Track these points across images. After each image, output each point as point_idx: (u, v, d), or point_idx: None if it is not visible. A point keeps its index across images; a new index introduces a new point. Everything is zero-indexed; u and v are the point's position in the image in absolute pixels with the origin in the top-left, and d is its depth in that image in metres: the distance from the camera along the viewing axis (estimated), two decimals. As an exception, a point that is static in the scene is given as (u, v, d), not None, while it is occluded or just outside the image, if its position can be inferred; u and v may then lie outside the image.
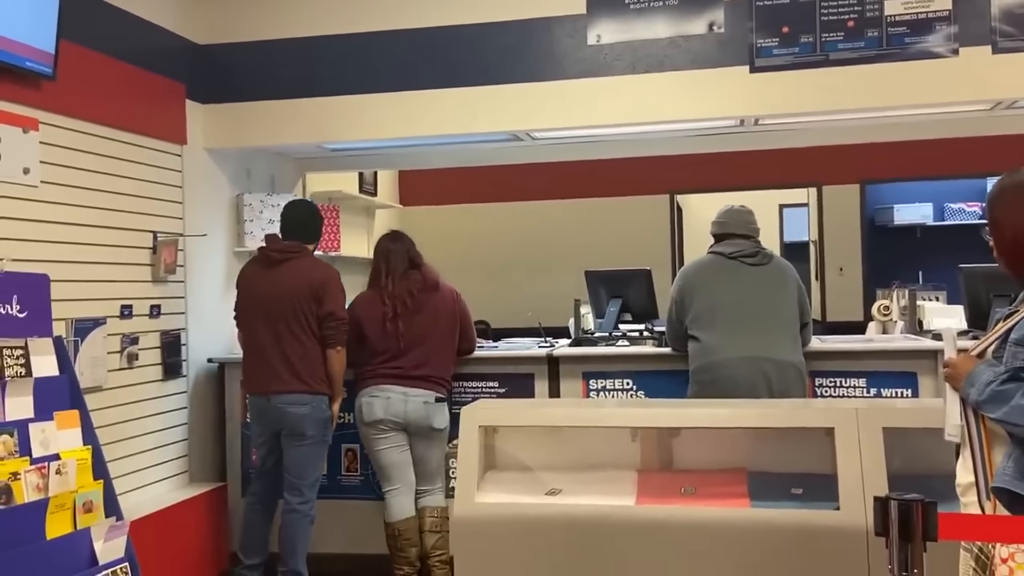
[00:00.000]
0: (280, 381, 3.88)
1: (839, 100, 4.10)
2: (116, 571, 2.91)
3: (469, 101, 4.38)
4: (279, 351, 3.89)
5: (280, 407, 3.89)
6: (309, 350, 3.90)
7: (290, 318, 3.88)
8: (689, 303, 3.85)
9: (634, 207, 7.16)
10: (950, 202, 7.32)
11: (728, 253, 3.88)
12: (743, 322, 3.72)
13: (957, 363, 2.02)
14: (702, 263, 3.98)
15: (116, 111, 3.91)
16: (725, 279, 3.84)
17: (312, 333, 3.90)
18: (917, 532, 1.64)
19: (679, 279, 4.00)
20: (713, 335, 3.74)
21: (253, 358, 3.99)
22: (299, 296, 3.88)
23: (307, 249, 4.05)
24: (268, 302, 3.92)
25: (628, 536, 2.76)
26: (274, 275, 3.94)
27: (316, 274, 3.94)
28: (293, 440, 3.92)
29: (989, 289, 3.85)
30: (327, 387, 3.95)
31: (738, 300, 3.77)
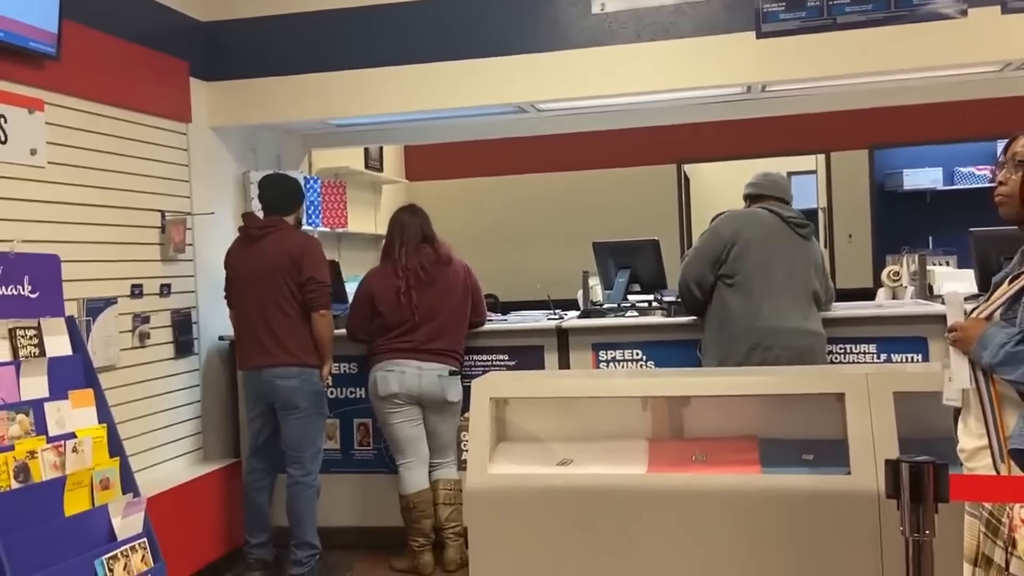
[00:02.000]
0: (268, 355, 3.93)
1: (847, 64, 4.06)
2: (135, 546, 2.96)
3: (474, 73, 4.36)
4: (266, 325, 3.93)
5: (270, 380, 3.94)
6: (295, 322, 3.94)
7: (274, 291, 3.92)
8: (739, 254, 3.68)
9: (641, 177, 7.12)
10: (960, 166, 7.26)
11: (785, 216, 3.77)
12: (796, 291, 3.69)
13: (966, 327, 1.99)
14: (759, 217, 3.78)
15: (120, 90, 3.91)
16: (781, 243, 3.72)
17: (297, 304, 3.94)
18: (929, 494, 1.64)
19: (731, 222, 3.79)
20: (769, 300, 3.64)
21: (243, 334, 4.04)
22: (280, 268, 3.92)
23: (285, 222, 4.07)
24: (251, 278, 3.97)
25: (640, 504, 2.78)
26: (255, 251, 3.99)
27: (294, 243, 3.97)
28: (287, 413, 3.97)
29: (1000, 252, 3.82)
30: (316, 358, 3.99)
31: (789, 268, 3.70)
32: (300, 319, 3.96)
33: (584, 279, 4.76)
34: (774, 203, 3.85)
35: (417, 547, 4.07)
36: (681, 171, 7.34)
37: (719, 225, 3.84)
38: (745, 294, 3.69)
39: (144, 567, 2.96)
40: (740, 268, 3.70)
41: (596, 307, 4.57)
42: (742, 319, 3.68)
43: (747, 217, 3.83)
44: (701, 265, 3.76)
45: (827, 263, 4.01)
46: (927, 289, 4.59)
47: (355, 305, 4.19)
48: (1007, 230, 3.55)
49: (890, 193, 7.30)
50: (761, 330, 3.63)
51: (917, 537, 1.66)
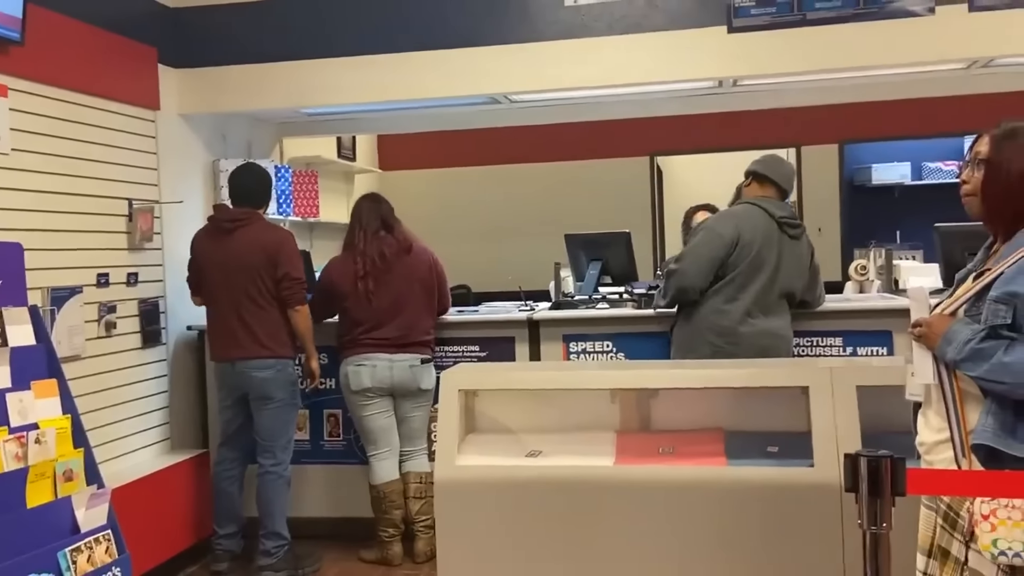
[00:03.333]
0: (242, 347, 3.93)
1: (817, 60, 4.10)
2: (99, 538, 2.93)
3: (447, 64, 4.34)
4: (239, 318, 3.93)
5: (244, 372, 3.94)
6: (269, 314, 3.94)
7: (247, 285, 3.92)
8: (737, 258, 3.65)
9: (614, 169, 7.14)
10: (927, 161, 7.35)
11: (778, 216, 3.74)
12: (770, 293, 3.70)
13: (931, 322, 2.01)
14: (754, 217, 3.72)
15: (87, 76, 3.85)
16: (770, 245, 3.70)
17: (271, 297, 3.94)
18: (886, 487, 1.67)
19: (729, 222, 3.73)
20: (740, 301, 3.65)
21: (215, 326, 4.04)
22: (254, 262, 3.91)
23: (257, 214, 4.05)
24: (224, 271, 3.95)
25: (607, 496, 2.79)
26: (227, 244, 3.96)
27: (269, 238, 3.96)
28: (260, 404, 3.97)
29: (964, 248, 3.87)
30: (290, 350, 4.00)
31: (773, 270, 3.70)
32: (274, 312, 3.95)
33: (556, 271, 4.77)
34: (772, 192, 3.80)
35: (387, 537, 4.08)
36: (654, 164, 7.37)
37: (717, 226, 3.76)
38: (720, 295, 3.69)
39: (108, 559, 2.94)
40: (731, 269, 3.68)
41: (567, 299, 4.59)
42: (710, 318, 3.69)
43: (744, 217, 3.75)
44: (706, 268, 3.66)
45: (815, 261, 3.95)
46: (893, 283, 4.66)
47: (316, 293, 4.17)
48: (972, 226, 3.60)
49: (859, 187, 7.38)
50: (727, 331, 3.66)
51: (874, 530, 1.68)
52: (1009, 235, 2.00)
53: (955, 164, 7.28)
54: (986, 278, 1.95)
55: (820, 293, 4.01)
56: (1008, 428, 1.87)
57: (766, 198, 3.79)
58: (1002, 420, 1.87)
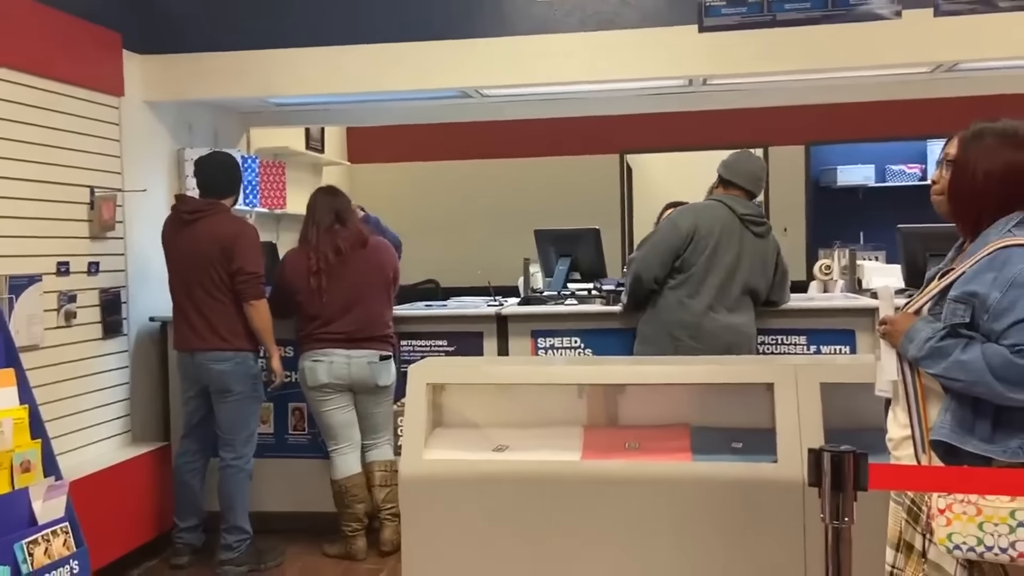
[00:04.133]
0: (201, 339, 3.90)
1: (786, 61, 4.14)
2: (56, 531, 2.87)
3: (418, 56, 4.32)
4: (197, 310, 3.91)
5: (203, 364, 3.92)
6: (227, 307, 3.90)
7: (204, 277, 3.88)
8: (693, 249, 3.70)
9: (584, 166, 7.16)
10: (891, 164, 7.46)
11: (740, 213, 3.78)
12: (732, 289, 3.73)
13: (896, 320, 2.05)
14: (714, 211, 3.79)
15: (49, 61, 3.77)
16: (730, 239, 3.74)
17: (227, 290, 3.90)
18: (848, 482, 1.69)
19: (688, 216, 3.80)
20: (703, 296, 3.69)
21: (177, 316, 4.02)
22: (210, 255, 3.87)
23: (220, 205, 4.00)
24: (183, 262, 3.93)
25: (574, 491, 2.80)
26: (187, 235, 3.93)
27: (226, 231, 3.91)
28: (220, 396, 3.95)
29: (926, 249, 3.95)
30: (250, 343, 3.96)
31: (733, 265, 3.73)
32: (232, 304, 3.91)
33: (525, 266, 4.77)
34: (737, 193, 3.85)
35: (350, 532, 4.05)
36: (624, 161, 7.40)
37: (677, 219, 3.83)
38: (682, 288, 3.74)
39: (66, 552, 2.88)
40: (690, 263, 3.73)
41: (536, 294, 4.59)
42: (673, 312, 3.74)
43: (703, 211, 3.82)
44: (660, 258, 3.74)
45: (782, 261, 3.97)
46: (857, 283, 4.72)
47: (273, 288, 4.13)
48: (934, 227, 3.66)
49: (825, 188, 7.47)
50: (689, 325, 3.70)
51: (836, 524, 1.70)
52: (976, 235, 2.04)
53: (918, 167, 7.39)
54: (949, 277, 1.99)
55: (787, 293, 4.05)
56: (966, 425, 1.90)
57: (732, 196, 3.83)
58: (960, 417, 1.91)
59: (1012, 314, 1.85)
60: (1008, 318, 1.86)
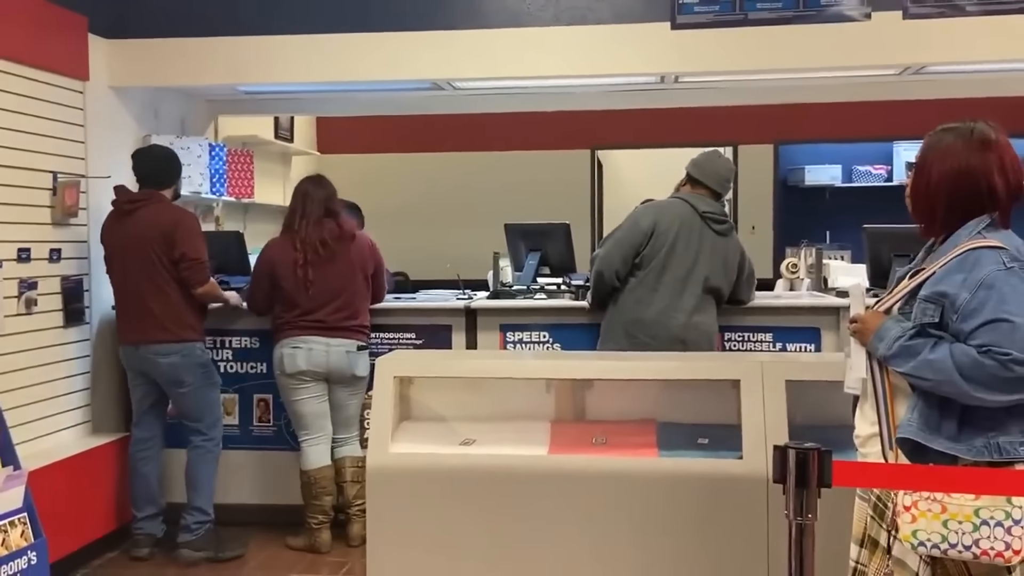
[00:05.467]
0: (145, 332, 3.88)
1: (756, 60, 4.16)
2: (14, 521, 2.82)
3: (390, 46, 4.28)
4: (141, 302, 3.88)
5: (150, 357, 3.90)
6: (171, 297, 3.88)
7: (147, 267, 3.86)
8: (652, 248, 3.72)
9: (555, 161, 7.16)
10: (858, 164, 7.55)
11: (701, 211, 3.79)
12: (691, 287, 3.73)
13: (866, 319, 2.07)
14: (676, 209, 3.80)
15: (12, 43, 3.68)
16: (690, 237, 3.74)
17: (172, 279, 3.88)
18: (813, 479, 1.70)
19: (649, 214, 3.81)
20: (660, 293, 3.70)
21: (121, 309, 3.99)
22: (152, 244, 3.84)
23: (159, 195, 3.97)
24: (124, 253, 3.90)
25: (540, 485, 2.81)
26: (127, 225, 3.90)
27: (166, 219, 3.88)
28: (174, 388, 3.95)
29: (891, 249, 4.00)
30: (195, 332, 3.96)
31: (692, 263, 3.74)
32: (177, 294, 3.89)
33: (495, 260, 4.76)
34: (703, 193, 3.86)
35: (315, 524, 4.02)
36: (595, 157, 7.42)
37: (638, 216, 3.85)
38: (640, 285, 3.75)
39: (24, 543, 2.83)
40: (649, 260, 3.75)
41: (505, 288, 4.58)
42: (631, 310, 3.75)
43: (664, 209, 3.84)
44: (621, 255, 3.76)
45: (748, 261, 3.97)
46: (823, 282, 4.77)
47: (255, 277, 4.10)
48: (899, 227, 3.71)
49: (792, 188, 7.55)
50: (646, 323, 3.71)
51: (800, 521, 1.72)
52: (933, 235, 2.07)
53: (884, 168, 7.49)
54: (919, 277, 2.01)
55: (753, 292, 4.08)
56: (932, 424, 1.93)
57: (696, 195, 3.86)
58: (927, 416, 1.94)
59: (980, 315, 1.88)
60: (976, 319, 1.89)
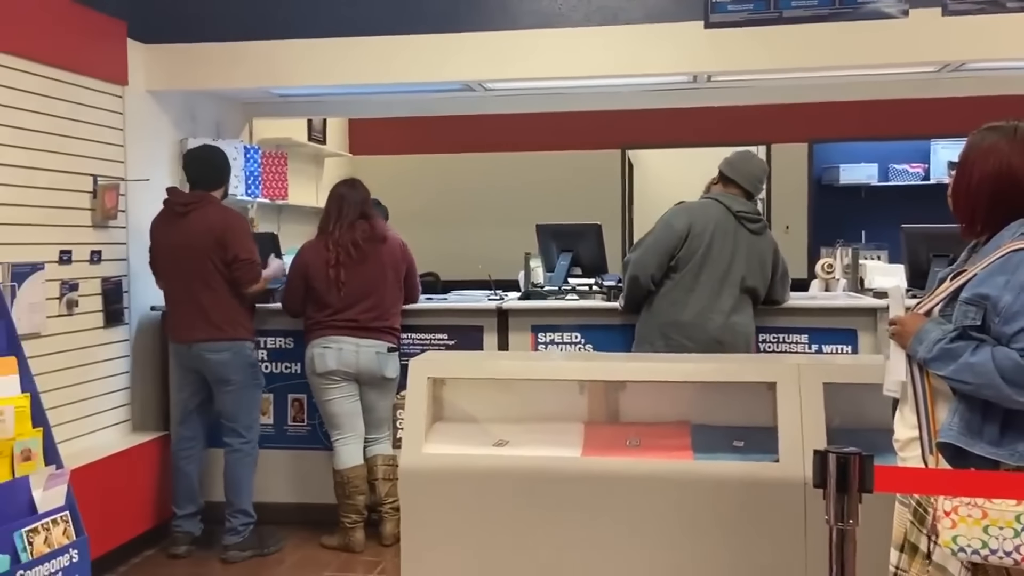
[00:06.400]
0: (197, 330, 3.95)
1: (791, 58, 4.12)
2: (56, 519, 2.87)
3: (422, 48, 4.30)
4: (194, 302, 3.95)
5: (201, 354, 3.97)
6: (223, 297, 3.95)
7: (200, 268, 3.93)
8: (688, 250, 3.70)
9: (586, 161, 7.14)
10: (894, 163, 7.44)
11: (735, 210, 3.76)
12: (727, 288, 3.71)
13: (906, 321, 2.04)
14: (709, 210, 3.77)
15: (53, 48, 3.75)
16: (725, 238, 3.72)
17: (223, 279, 3.95)
18: (853, 484, 1.68)
19: (683, 215, 3.78)
20: (697, 295, 3.68)
21: (172, 308, 4.06)
22: (205, 246, 3.92)
23: (210, 197, 4.04)
24: (177, 255, 3.97)
25: (574, 487, 2.80)
26: (180, 227, 3.97)
27: (217, 221, 3.96)
28: (220, 386, 4.00)
29: (929, 249, 3.95)
30: (246, 332, 4.04)
31: (727, 264, 3.72)
32: (228, 294, 3.96)
33: (526, 261, 4.76)
34: (735, 192, 3.83)
35: (349, 524, 4.05)
36: (625, 157, 7.38)
37: (671, 218, 3.82)
38: (676, 288, 3.73)
39: (66, 540, 2.88)
40: (684, 262, 3.72)
41: (537, 289, 4.58)
42: (667, 312, 3.73)
43: (698, 210, 3.81)
44: (656, 258, 3.73)
45: (781, 260, 3.94)
46: (859, 282, 4.71)
47: (290, 279, 4.14)
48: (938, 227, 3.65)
49: (827, 187, 7.46)
50: (683, 325, 3.69)
51: (841, 526, 1.70)
52: (989, 236, 2.03)
53: (921, 167, 7.38)
54: (961, 279, 1.98)
55: (788, 291, 4.04)
56: (974, 428, 1.90)
57: (729, 194, 3.83)
58: (968, 420, 1.91)
59: (1023, 318, 1.85)
60: (1019, 322, 1.86)
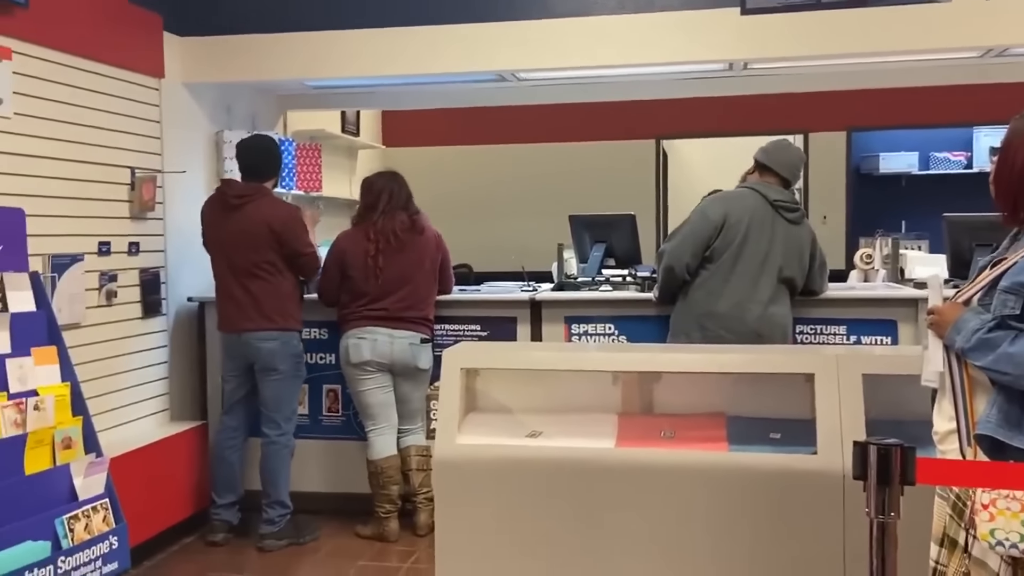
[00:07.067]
0: (248, 320, 3.98)
1: (830, 45, 4.05)
2: (96, 507, 2.92)
3: (455, 39, 4.29)
4: (246, 292, 3.97)
5: (250, 343, 4.00)
6: (275, 288, 3.99)
7: (253, 259, 3.96)
8: (723, 240, 3.65)
9: (620, 151, 7.09)
10: (936, 151, 7.30)
11: (772, 199, 3.71)
12: (764, 278, 3.66)
13: (943, 310, 2.00)
14: (745, 200, 3.72)
15: (91, 41, 3.80)
16: (762, 227, 3.67)
17: (276, 271, 3.98)
18: (895, 476, 1.65)
19: (718, 204, 3.74)
20: (733, 285, 3.64)
21: (223, 298, 4.08)
22: (260, 239, 3.95)
23: (264, 188, 4.06)
24: (230, 246, 4.00)
25: (607, 478, 2.78)
26: (234, 219, 3.99)
27: (272, 215, 3.98)
28: (266, 375, 4.02)
29: (972, 238, 3.86)
30: (295, 323, 4.08)
31: (765, 253, 3.67)
32: (280, 286, 4.00)
33: (559, 252, 4.74)
34: (774, 181, 3.78)
35: (383, 513, 4.07)
36: (660, 147, 7.32)
37: (707, 208, 3.77)
38: (712, 278, 3.68)
39: (105, 527, 2.93)
40: (720, 252, 3.68)
41: (570, 280, 4.56)
42: (703, 303, 3.69)
43: (734, 199, 3.76)
44: (692, 248, 3.69)
45: (819, 249, 3.88)
46: (899, 273, 4.63)
47: (326, 269, 4.16)
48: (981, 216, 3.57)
49: (866, 176, 7.34)
50: (719, 315, 3.64)
51: (882, 519, 1.67)
52: (1016, 222, 1.98)
53: (963, 155, 7.23)
54: (1000, 267, 1.94)
55: (826, 282, 3.98)
56: (1013, 420, 1.85)
57: (766, 183, 3.77)
58: (1007, 412, 1.86)
59: None
60: None
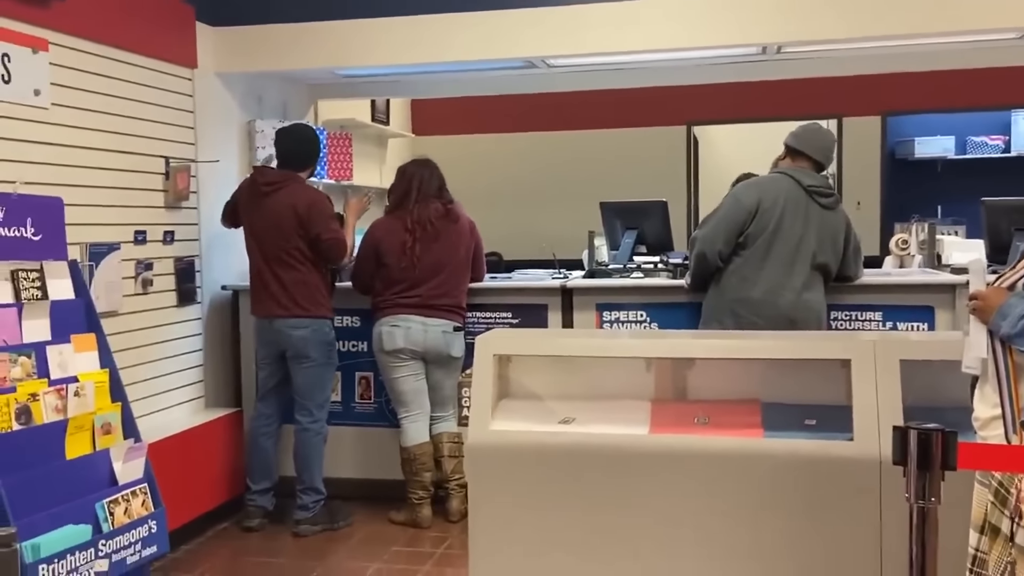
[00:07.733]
0: (280, 306, 4.01)
1: (865, 27, 3.99)
2: (135, 491, 2.97)
3: (484, 26, 4.28)
4: (276, 279, 4.00)
5: (282, 330, 4.02)
6: (304, 275, 4.00)
7: (283, 247, 3.99)
8: (757, 226, 3.62)
9: (650, 138, 7.05)
10: (973, 135, 7.17)
11: (806, 184, 3.67)
12: (798, 264, 3.63)
13: (988, 295, 1.97)
14: (779, 185, 3.68)
15: (126, 33, 3.84)
16: (796, 213, 3.63)
17: (306, 259, 4.00)
18: (936, 461, 1.63)
19: (752, 190, 3.71)
20: (767, 272, 3.61)
21: (255, 284, 4.11)
22: (288, 225, 3.97)
23: (297, 177, 4.08)
24: (260, 233, 4.03)
25: (641, 465, 2.77)
26: (264, 206, 4.02)
27: (300, 201, 4.00)
28: (297, 362, 4.04)
29: (1011, 223, 3.79)
30: (326, 310, 4.09)
31: (799, 239, 3.63)
32: (309, 272, 4.02)
33: (590, 239, 4.73)
34: (807, 165, 3.73)
35: (416, 500, 4.10)
36: (691, 133, 7.26)
37: (739, 194, 3.74)
38: (746, 264, 3.66)
39: (144, 512, 2.98)
40: (754, 238, 3.64)
41: (601, 267, 4.55)
42: (736, 289, 3.66)
43: (767, 185, 3.72)
44: (724, 234, 3.66)
45: (854, 234, 3.83)
46: (935, 258, 4.56)
47: (360, 256, 4.18)
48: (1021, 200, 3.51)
49: (901, 161, 7.23)
50: (753, 302, 3.62)
51: (923, 504, 1.65)
52: None
53: (1001, 139, 7.10)
54: (1045, 251, 1.90)
55: (861, 268, 3.93)
56: (1060, 406, 1.82)
57: (799, 168, 3.73)
58: (1054, 398, 1.83)
59: None
60: None
